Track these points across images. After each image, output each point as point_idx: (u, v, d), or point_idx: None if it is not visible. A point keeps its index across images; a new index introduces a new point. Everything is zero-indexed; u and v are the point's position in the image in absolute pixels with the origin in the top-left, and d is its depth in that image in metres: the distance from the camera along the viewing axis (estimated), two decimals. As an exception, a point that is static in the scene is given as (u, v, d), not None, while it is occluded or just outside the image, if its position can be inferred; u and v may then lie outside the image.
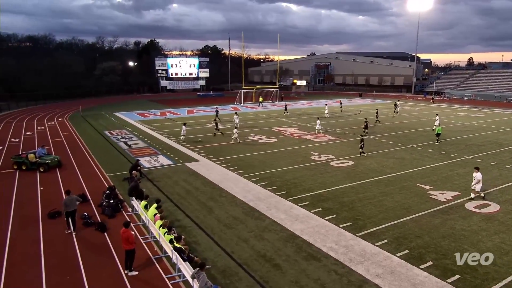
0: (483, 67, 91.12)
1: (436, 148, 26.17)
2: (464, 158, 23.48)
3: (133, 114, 45.79)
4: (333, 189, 17.55)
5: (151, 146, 27.05)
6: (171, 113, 46.87)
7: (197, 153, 24.76)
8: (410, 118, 40.38)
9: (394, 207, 15.42)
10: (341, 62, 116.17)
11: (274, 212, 14.94)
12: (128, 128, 35.18)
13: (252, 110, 51.08)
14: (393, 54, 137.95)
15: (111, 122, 39.55)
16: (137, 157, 22.91)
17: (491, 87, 73.12)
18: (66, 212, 13.25)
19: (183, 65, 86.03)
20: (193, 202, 16.06)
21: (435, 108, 53.88)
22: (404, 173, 20.18)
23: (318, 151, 25.26)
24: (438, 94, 76.11)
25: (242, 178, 19.29)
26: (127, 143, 28.20)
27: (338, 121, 39.34)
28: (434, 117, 34.32)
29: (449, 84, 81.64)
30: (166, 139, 29.65)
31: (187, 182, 18.76)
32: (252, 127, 35.77)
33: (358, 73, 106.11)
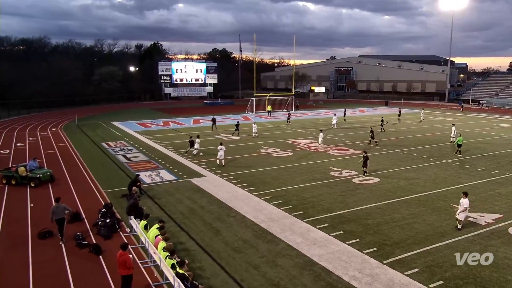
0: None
1: (474, 164, 25.71)
2: (507, 176, 22.97)
3: (133, 124, 46.33)
4: (356, 210, 17.33)
5: (152, 160, 27.25)
6: (175, 123, 47.28)
7: (203, 168, 24.83)
8: (443, 129, 39.89)
9: (426, 231, 15.11)
10: (364, 66, 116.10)
11: (289, 235, 14.79)
12: (128, 140, 35.57)
13: (265, 120, 51.21)
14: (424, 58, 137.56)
15: (109, 133, 40.06)
16: (137, 171, 23.07)
17: (537, 95, 71.82)
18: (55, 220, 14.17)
19: (189, 70, 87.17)
20: (198, 223, 16.03)
21: (472, 118, 53.12)
22: (437, 192, 19.82)
23: (338, 167, 25.07)
24: (476, 102, 75.19)
25: (253, 196, 19.22)
26: (126, 156, 28.46)
27: (360, 133, 39.09)
28: (452, 127, 34.39)
29: (488, 91, 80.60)
30: (169, 152, 29.85)
31: (191, 200, 18.77)
32: (264, 138, 35.80)
33: (383, 79, 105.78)
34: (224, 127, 43.14)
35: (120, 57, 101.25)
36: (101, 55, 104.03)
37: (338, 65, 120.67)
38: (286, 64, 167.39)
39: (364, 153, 23.26)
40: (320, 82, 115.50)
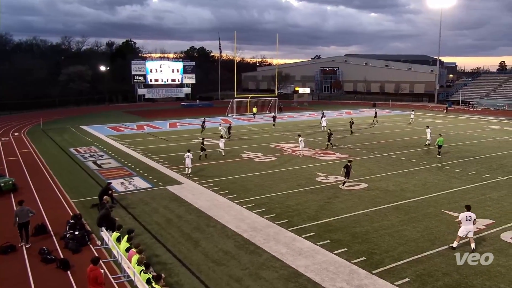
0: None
1: (465, 168, 26.31)
2: (498, 180, 23.59)
3: (104, 128, 45.79)
4: (343, 217, 17.49)
5: (125, 166, 26.97)
6: (149, 127, 46.95)
7: (180, 174, 24.68)
8: (433, 132, 40.66)
9: (417, 238, 15.36)
10: (351, 66, 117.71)
11: (273, 245, 14.82)
12: (98, 145, 35.13)
13: (247, 123, 51.31)
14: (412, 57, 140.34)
15: (78, 138, 39.49)
16: (109, 179, 22.80)
17: (527, 96, 74.14)
18: (19, 224, 14.52)
19: (165, 69, 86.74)
20: (175, 234, 15.91)
21: (462, 120, 54.43)
22: (427, 198, 20.19)
23: (325, 172, 25.28)
24: (466, 103, 77.09)
25: (234, 204, 19.19)
26: (96, 163, 28.11)
27: (348, 136, 39.56)
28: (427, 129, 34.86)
29: (478, 92, 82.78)
30: (144, 158, 29.59)
31: (168, 210, 18.63)
32: (246, 143, 35.84)
33: (371, 79, 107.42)
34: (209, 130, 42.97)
35: (90, 55, 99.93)
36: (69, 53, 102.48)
37: (324, 65, 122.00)
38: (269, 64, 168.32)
39: (349, 162, 22.47)
40: (305, 82, 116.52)
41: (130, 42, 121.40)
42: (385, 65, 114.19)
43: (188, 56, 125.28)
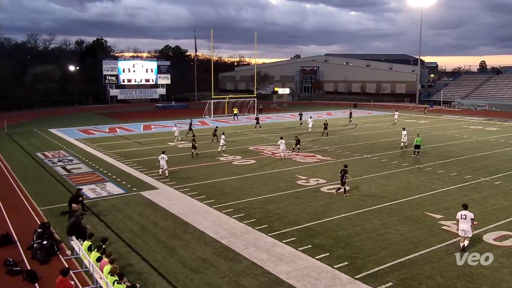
0: (498, 72, 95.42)
1: (447, 169, 26.89)
2: (480, 181, 24.20)
3: (73, 131, 45.05)
4: (325, 221, 17.63)
5: (97, 171, 26.58)
6: (122, 129, 46.41)
7: (155, 179, 24.46)
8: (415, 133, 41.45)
9: (399, 241, 15.61)
10: (331, 66, 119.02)
11: (252, 251, 14.82)
12: (68, 149, 34.53)
13: (225, 124, 51.21)
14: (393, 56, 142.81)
15: (46, 142, 38.73)
16: (79, 185, 22.44)
17: (507, 96, 76.48)
18: None
19: (138, 69, 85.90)
20: (150, 242, 15.75)
21: (444, 120, 55.69)
22: (410, 200, 20.55)
23: (306, 174, 25.45)
24: (447, 104, 78.92)
25: (212, 210, 19.13)
26: (65, 168, 27.64)
27: (330, 138, 39.95)
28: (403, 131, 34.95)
29: (459, 92, 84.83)
30: (116, 162, 29.22)
31: (143, 216, 18.44)
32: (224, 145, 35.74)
33: (352, 79, 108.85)
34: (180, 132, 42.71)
35: (58, 54, 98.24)
36: (35, 52, 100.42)
37: (303, 64, 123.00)
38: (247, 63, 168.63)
39: (345, 166, 22.05)
40: (284, 82, 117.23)
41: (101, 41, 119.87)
42: (366, 64, 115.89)
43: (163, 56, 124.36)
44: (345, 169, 21.54)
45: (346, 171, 21.49)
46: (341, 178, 21.28)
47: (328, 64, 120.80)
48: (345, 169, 21.55)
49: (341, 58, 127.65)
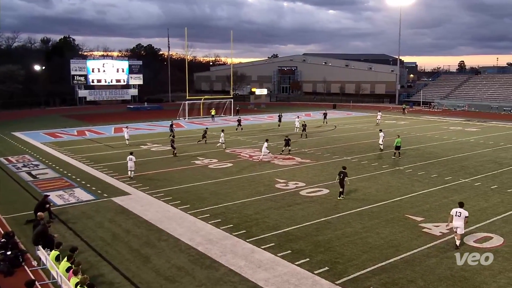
0: (476, 72, 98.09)
1: (427, 171, 27.43)
2: (460, 182, 24.77)
3: (39, 134, 44.11)
4: (304, 226, 17.72)
5: (64, 177, 26.11)
6: (92, 132, 45.71)
7: (127, 184, 24.17)
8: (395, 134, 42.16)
9: (380, 245, 15.82)
10: (310, 66, 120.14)
11: (230, 258, 14.78)
12: (33, 153, 33.79)
13: (200, 126, 50.96)
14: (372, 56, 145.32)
15: (9, 145, 37.81)
16: (46, 191, 21.96)
17: (486, 96, 78.71)
18: None
19: (109, 69, 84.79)
20: (122, 250, 15.54)
21: (424, 121, 56.83)
22: (390, 202, 20.87)
23: (284, 177, 25.56)
24: (426, 104, 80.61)
25: (188, 215, 19.01)
26: (31, 173, 27.06)
27: (308, 140, 40.24)
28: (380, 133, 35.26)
29: (439, 92, 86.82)
30: (86, 167, 28.76)
31: (114, 223, 18.18)
32: (200, 148, 35.62)
33: (331, 79, 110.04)
34: (154, 135, 42.39)
35: (22, 53, 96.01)
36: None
37: (281, 64, 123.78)
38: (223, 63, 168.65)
39: (343, 168, 21.96)
40: (262, 83, 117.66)
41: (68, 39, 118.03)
42: (345, 64, 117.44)
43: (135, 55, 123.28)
44: (344, 172, 21.58)
45: (346, 174, 21.55)
46: (341, 181, 21.30)
47: (306, 64, 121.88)
48: (345, 172, 21.60)
49: (319, 58, 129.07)
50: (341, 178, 21.33)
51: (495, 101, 75.24)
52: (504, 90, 79.21)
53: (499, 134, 45.37)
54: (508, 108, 71.14)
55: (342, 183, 21.31)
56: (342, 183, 21.31)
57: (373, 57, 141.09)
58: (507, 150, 35.17)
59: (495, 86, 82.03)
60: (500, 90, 79.63)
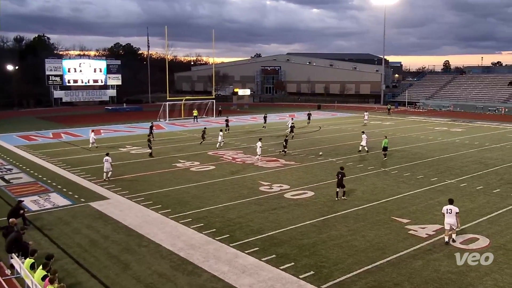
0: (461, 72, 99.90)
1: (413, 172, 27.78)
2: (446, 183, 25.14)
3: (12, 137, 43.37)
4: (289, 229, 17.76)
5: (40, 181, 25.72)
6: (68, 135, 45.14)
7: (105, 188, 23.93)
8: (380, 135, 42.61)
9: (366, 248, 15.95)
10: (293, 65, 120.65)
11: (213, 263, 14.74)
12: (6, 157, 33.23)
13: (181, 128, 50.80)
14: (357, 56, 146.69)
15: (-19, 149, 37.07)
16: (20, 196, 21.61)
17: (471, 96, 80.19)
18: None
19: (85, 69, 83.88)
20: (101, 257, 15.37)
21: (409, 122, 57.56)
22: (376, 204, 21.06)
23: (268, 180, 25.60)
24: (412, 104, 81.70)
25: (169, 220, 18.90)
26: (4, 178, 26.64)
27: (293, 141, 40.39)
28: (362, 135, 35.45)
29: (424, 92, 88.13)
30: (62, 171, 28.39)
31: (92, 229, 17.97)
32: (181, 150, 35.47)
33: (315, 79, 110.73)
34: (133, 137, 42.07)
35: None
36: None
37: (264, 64, 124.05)
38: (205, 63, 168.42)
39: (341, 169, 22.33)
40: (245, 83, 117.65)
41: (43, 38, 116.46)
42: (329, 64, 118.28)
43: (113, 54, 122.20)
44: (342, 172, 21.96)
45: (344, 174, 21.95)
46: (340, 181, 21.67)
47: (290, 63, 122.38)
48: (343, 172, 22.00)
49: (303, 58, 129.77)
50: (339, 179, 21.74)
51: (480, 101, 76.70)
52: (489, 90, 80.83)
53: (484, 134, 46.22)
54: (493, 108, 72.57)
55: (341, 183, 21.73)
56: (341, 184, 21.74)
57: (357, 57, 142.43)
58: (492, 151, 35.84)
59: (480, 86, 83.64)
60: (485, 90, 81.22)
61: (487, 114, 70.34)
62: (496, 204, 21.12)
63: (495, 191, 23.48)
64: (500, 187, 24.20)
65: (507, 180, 25.96)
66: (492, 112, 71.50)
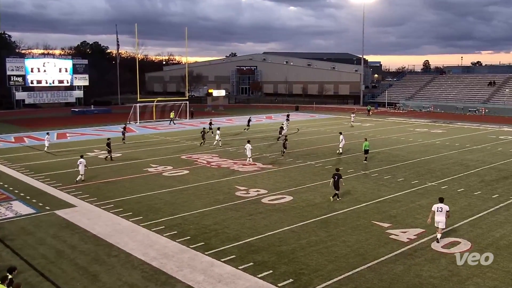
0: (441, 72, 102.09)
1: (393, 174, 28.21)
2: (427, 186, 25.62)
3: (-29, 142, 42.28)
4: (267, 236, 17.79)
5: (0, 188, 25.15)
6: (31, 139, 44.30)
7: (72, 195, 23.54)
8: (359, 137, 43.15)
9: (347, 253, 16.10)
10: (270, 65, 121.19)
11: (187, 273, 14.66)
12: (-36, 163, 32.35)
13: (153, 131, 50.38)
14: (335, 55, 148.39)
15: None
16: (-21, 205, 21.09)
17: (451, 96, 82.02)
18: None
19: (50, 69, 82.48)
20: (68, 268, 15.10)
21: (390, 123, 58.43)
22: (356, 208, 21.29)
23: (245, 185, 25.60)
24: (392, 105, 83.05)
25: (140, 228, 18.72)
26: (-39, 186, 25.87)
27: (269, 143, 40.50)
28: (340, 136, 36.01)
29: (404, 92, 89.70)
30: (25, 177, 27.83)
31: (58, 239, 17.66)
32: (153, 154, 35.19)
33: (292, 79, 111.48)
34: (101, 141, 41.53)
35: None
36: None
37: (240, 64, 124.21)
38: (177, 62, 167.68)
39: (336, 170, 23.04)
40: (219, 84, 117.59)
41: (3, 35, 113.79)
42: (307, 64, 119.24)
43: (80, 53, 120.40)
44: (338, 174, 22.51)
45: (340, 175, 22.48)
46: (336, 183, 22.19)
47: (267, 63, 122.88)
48: (339, 174, 22.55)
49: (280, 57, 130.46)
50: (335, 181, 22.24)
51: (460, 101, 78.53)
52: (469, 91, 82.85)
53: (465, 135, 47.31)
54: (473, 108, 74.38)
55: (337, 185, 22.25)
56: (337, 185, 22.26)
57: (336, 56, 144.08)
58: (472, 152, 36.70)
59: (460, 86, 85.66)
60: (465, 90, 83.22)
61: (468, 115, 72.01)
62: (477, 206, 21.62)
63: (476, 193, 24.03)
64: (481, 189, 24.80)
65: (488, 182, 26.63)
66: (473, 112, 73.27)
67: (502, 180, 27.19)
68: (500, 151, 37.13)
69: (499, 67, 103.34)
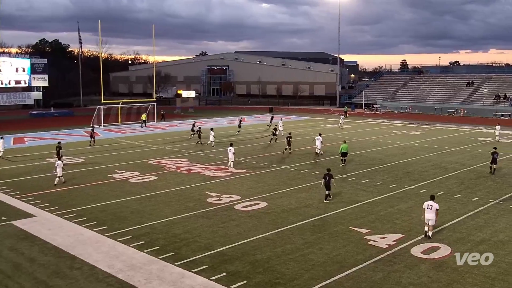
0: (419, 72, 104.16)
1: (371, 178, 28.58)
2: (405, 189, 26.05)
3: None
4: (240, 244, 17.77)
5: (-49, 198, 24.44)
6: (-14, 144, 43.09)
7: (31, 204, 23.06)
8: (336, 139, 43.59)
9: (324, 261, 16.21)
10: (243, 65, 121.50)
11: (156, 285, 14.52)
12: None
13: (119, 135, 49.79)
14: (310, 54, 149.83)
15: None
16: None
17: (430, 97, 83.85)
18: None
19: (5, 68, 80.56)
20: (26, 283, 14.77)
21: (367, 125, 59.21)
22: (333, 214, 21.48)
23: (217, 191, 25.54)
24: (369, 106, 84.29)
25: (105, 238, 18.47)
26: None
27: (243, 147, 40.52)
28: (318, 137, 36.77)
29: (381, 93, 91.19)
30: (-21, 185, 27.11)
31: (15, 252, 17.27)
32: (118, 159, 34.79)
33: (266, 80, 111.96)
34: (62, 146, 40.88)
35: None
36: None
37: (211, 63, 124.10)
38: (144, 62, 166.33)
39: (327, 171, 23.76)
40: (189, 84, 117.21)
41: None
42: (281, 63, 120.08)
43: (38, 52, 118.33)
44: (330, 174, 23.27)
45: (332, 175, 23.25)
46: (327, 183, 22.96)
47: (239, 62, 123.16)
48: (330, 174, 23.32)
49: (253, 56, 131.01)
50: (326, 181, 22.98)
51: (438, 102, 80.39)
52: (447, 91, 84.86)
53: (443, 137, 48.34)
54: (451, 109, 76.15)
55: (328, 185, 22.99)
56: (328, 186, 22.99)
57: (311, 56, 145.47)
58: (452, 154, 37.53)
59: (438, 87, 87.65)
60: (444, 91, 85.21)
61: (446, 116, 73.70)
62: (457, 210, 22.09)
63: (456, 196, 24.57)
64: (461, 192, 25.38)
65: (467, 185, 27.27)
66: (451, 113, 75.01)
67: (481, 183, 27.89)
68: (479, 153, 38.07)
69: (477, 67, 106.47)
